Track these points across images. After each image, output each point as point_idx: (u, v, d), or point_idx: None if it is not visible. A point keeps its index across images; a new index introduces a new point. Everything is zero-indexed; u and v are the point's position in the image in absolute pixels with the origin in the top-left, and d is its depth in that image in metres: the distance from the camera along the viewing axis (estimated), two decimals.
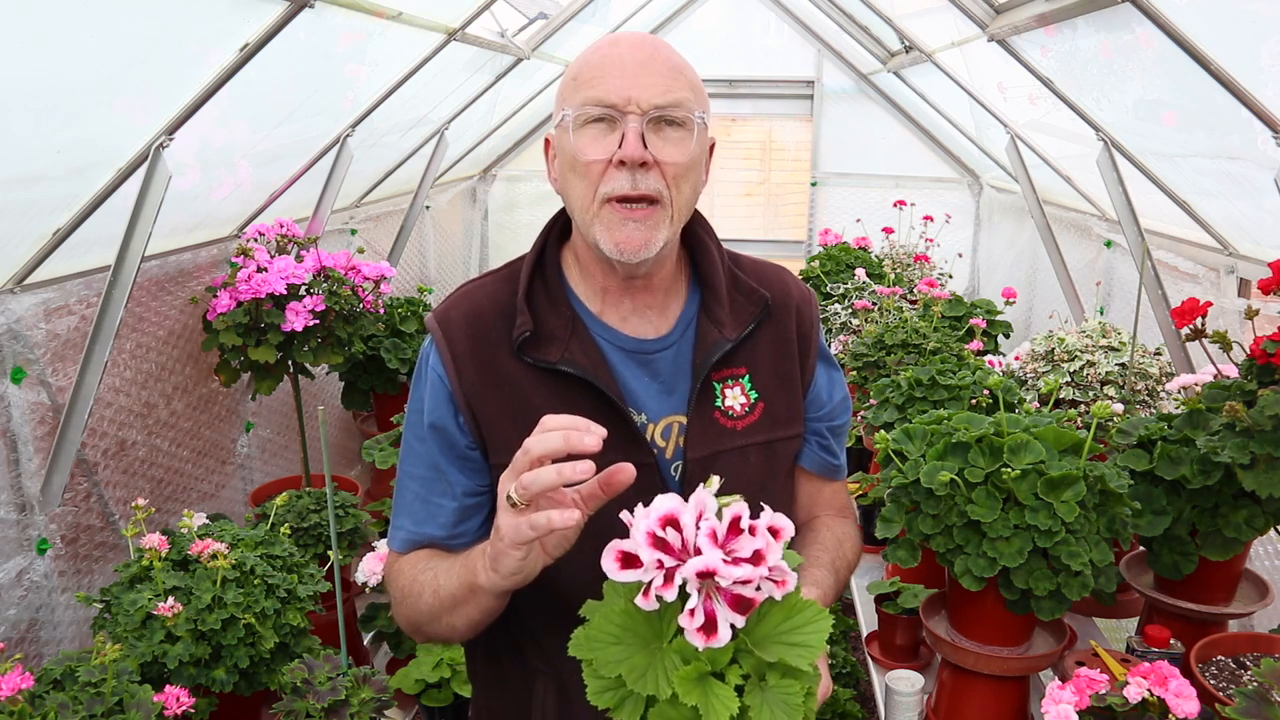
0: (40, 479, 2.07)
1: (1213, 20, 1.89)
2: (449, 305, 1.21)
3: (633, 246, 1.10)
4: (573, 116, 1.10)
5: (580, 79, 1.11)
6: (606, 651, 0.85)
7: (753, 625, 0.87)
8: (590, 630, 0.86)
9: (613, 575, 0.83)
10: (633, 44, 1.11)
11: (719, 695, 0.82)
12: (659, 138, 1.09)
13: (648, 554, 0.82)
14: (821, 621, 0.87)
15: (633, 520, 0.85)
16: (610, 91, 1.08)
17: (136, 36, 1.81)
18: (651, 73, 1.09)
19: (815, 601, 0.88)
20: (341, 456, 3.70)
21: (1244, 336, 1.90)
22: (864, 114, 5.46)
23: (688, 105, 1.10)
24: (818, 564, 1.23)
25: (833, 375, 1.32)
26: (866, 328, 3.01)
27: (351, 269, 2.74)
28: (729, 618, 0.83)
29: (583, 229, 1.14)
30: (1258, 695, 1.32)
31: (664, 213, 1.11)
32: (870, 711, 2.91)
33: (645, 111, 1.08)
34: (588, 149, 1.10)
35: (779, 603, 0.87)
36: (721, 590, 0.83)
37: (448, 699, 2.18)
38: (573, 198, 1.14)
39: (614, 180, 1.09)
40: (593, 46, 1.14)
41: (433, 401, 1.18)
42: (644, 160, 1.08)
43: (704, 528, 0.83)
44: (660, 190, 1.10)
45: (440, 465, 1.18)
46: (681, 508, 0.84)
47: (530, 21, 3.97)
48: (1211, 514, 1.64)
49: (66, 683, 1.50)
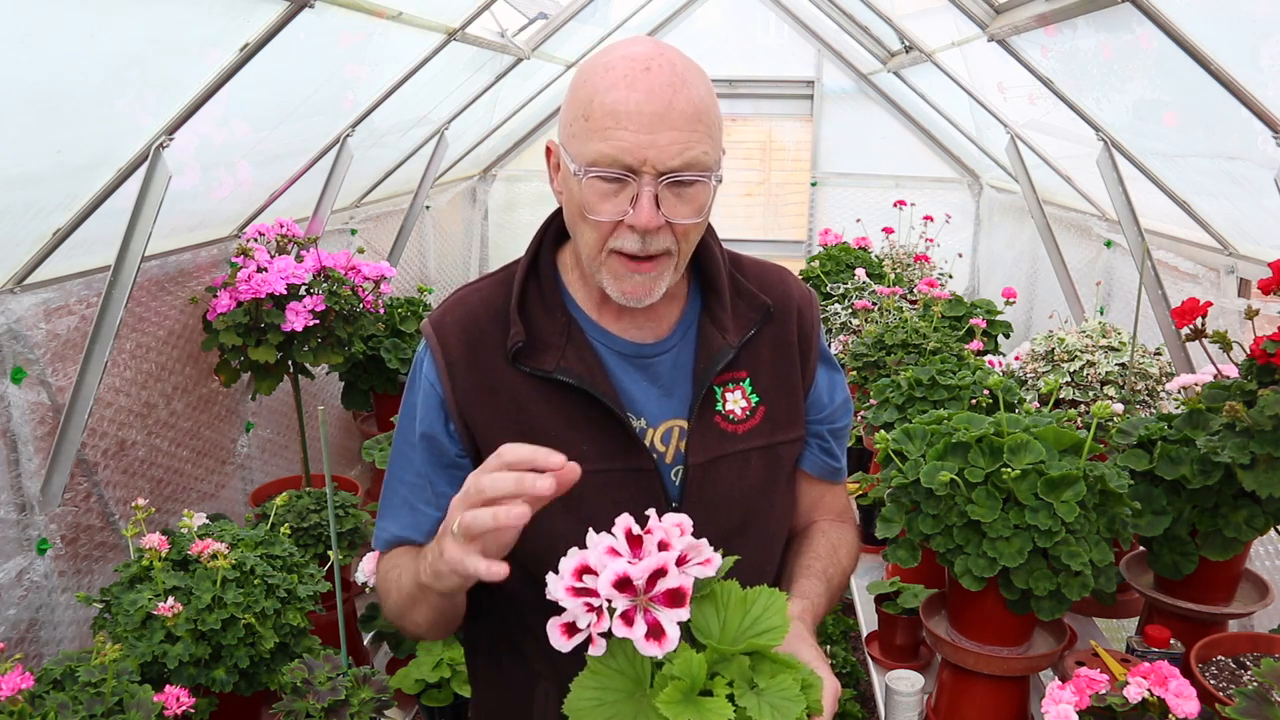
0: (40, 479, 2.07)
1: (1213, 20, 1.89)
2: (444, 310, 1.20)
3: (638, 295, 1.10)
4: (583, 172, 1.05)
5: (592, 122, 1.04)
6: (593, 715, 0.85)
7: (719, 631, 0.88)
8: (572, 704, 0.87)
9: (562, 648, 0.84)
10: (650, 90, 1.02)
11: (711, 708, 0.83)
12: (673, 196, 1.05)
13: (572, 604, 0.83)
14: (777, 601, 0.89)
15: (552, 591, 0.86)
16: (625, 151, 1.02)
17: (136, 36, 1.81)
18: (669, 126, 1.02)
19: (765, 587, 0.90)
20: (341, 456, 3.70)
21: (1244, 336, 1.90)
22: (864, 114, 5.46)
23: (704, 163, 1.05)
24: (808, 573, 1.23)
25: (833, 377, 1.31)
26: (866, 328, 3.01)
27: (351, 269, 2.74)
28: (671, 616, 0.83)
29: (588, 269, 1.13)
30: (1258, 695, 1.32)
31: (670, 262, 1.10)
32: (870, 711, 2.92)
33: (661, 173, 1.03)
34: (598, 207, 1.06)
35: (732, 600, 0.89)
36: (653, 597, 0.84)
37: (448, 699, 2.18)
38: (580, 240, 1.12)
39: (624, 239, 1.07)
40: (608, 79, 1.04)
41: (425, 409, 1.18)
42: (657, 226, 1.05)
43: (602, 549, 0.85)
44: (670, 248, 1.08)
45: (428, 475, 1.18)
46: (587, 553, 0.86)
47: (530, 21, 3.97)
48: (1211, 514, 1.64)
49: (66, 683, 1.49)
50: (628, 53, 1.06)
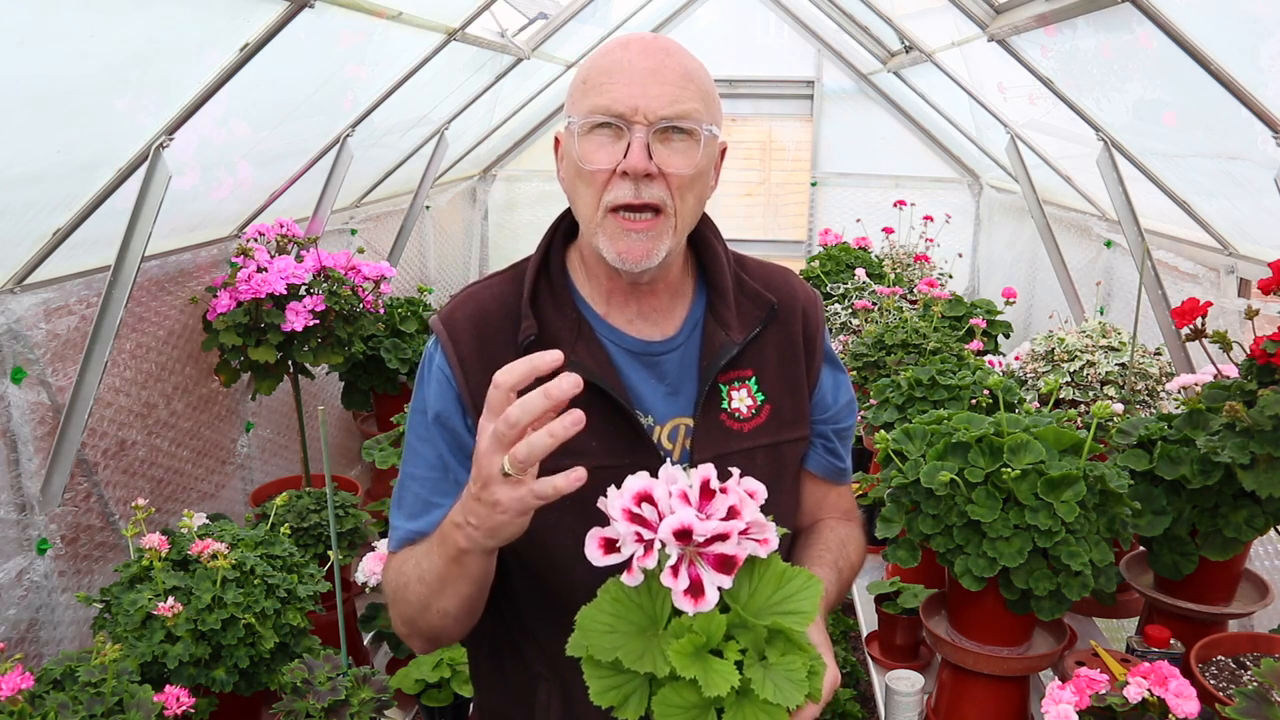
0: (40, 479, 2.07)
1: (1213, 20, 1.89)
2: (454, 306, 1.20)
3: (635, 257, 1.10)
4: (579, 123, 1.10)
5: (589, 83, 1.10)
6: (602, 640, 0.85)
7: (746, 598, 0.87)
8: (583, 621, 0.86)
9: (596, 561, 0.84)
10: (643, 49, 1.10)
11: (718, 669, 0.83)
12: (665, 147, 1.09)
13: (624, 527, 0.83)
14: (813, 587, 0.88)
15: (608, 502, 0.86)
16: (617, 100, 1.07)
17: (136, 36, 1.81)
18: (661, 81, 1.07)
19: (805, 570, 0.89)
20: (341, 456, 3.70)
21: (1244, 336, 1.90)
22: (864, 114, 5.46)
23: (696, 116, 1.09)
24: (820, 563, 1.23)
25: (838, 378, 1.31)
26: (866, 328, 3.01)
27: (351, 269, 2.74)
28: (714, 580, 0.83)
29: (587, 236, 1.14)
30: (1258, 695, 1.32)
31: (667, 223, 1.11)
32: (870, 711, 2.91)
33: (652, 122, 1.07)
34: (592, 157, 1.09)
35: (769, 572, 0.88)
36: (704, 554, 0.83)
37: (448, 699, 2.18)
38: (578, 204, 1.14)
39: (618, 189, 1.09)
40: (604, 49, 1.13)
41: (440, 401, 1.17)
42: (648, 171, 1.07)
43: (675, 491, 0.85)
44: (664, 200, 1.09)
45: (448, 463, 1.17)
46: (653, 483, 0.85)
47: (530, 21, 3.97)
48: (1211, 514, 1.64)
49: (66, 683, 1.50)
50: (628, 36, 1.14)
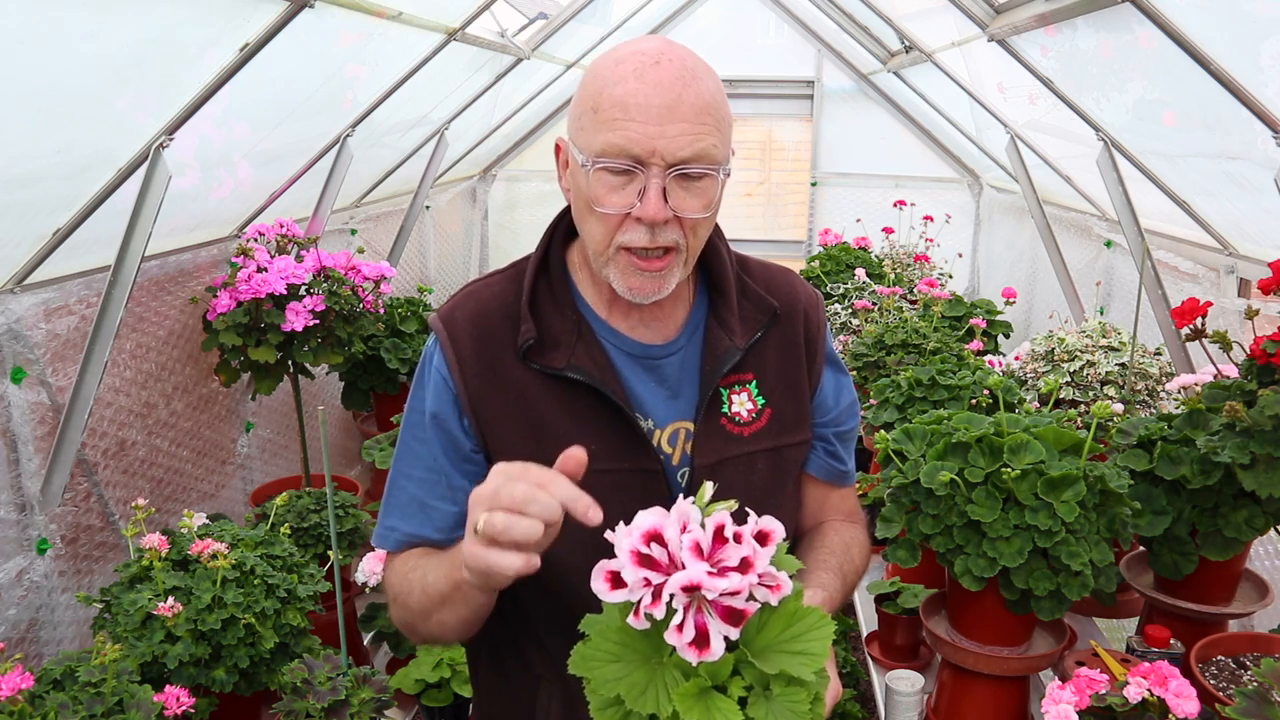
0: (40, 479, 2.07)
1: (1213, 20, 1.89)
2: (454, 305, 1.19)
3: (646, 292, 1.09)
4: (591, 164, 1.04)
5: (601, 115, 1.04)
6: (604, 670, 0.83)
7: (752, 635, 0.84)
8: (587, 648, 0.84)
9: (604, 597, 0.81)
10: (658, 83, 1.02)
11: (721, 709, 0.80)
12: (682, 190, 1.05)
13: (633, 573, 0.80)
14: (824, 628, 0.84)
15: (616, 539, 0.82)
16: (633, 141, 1.02)
17: (136, 36, 1.81)
18: (678, 118, 1.02)
19: (817, 608, 0.86)
20: (341, 456, 3.70)
21: (1244, 336, 1.90)
22: (864, 114, 5.46)
23: (713, 156, 1.04)
24: (823, 568, 1.21)
25: (840, 380, 1.29)
26: (866, 328, 3.01)
27: (351, 269, 2.74)
28: (721, 630, 0.80)
29: (595, 266, 1.12)
30: (1258, 695, 1.32)
31: (679, 258, 1.09)
32: (870, 711, 2.91)
33: (670, 164, 1.02)
34: (606, 200, 1.05)
35: (778, 610, 0.85)
36: (712, 602, 0.80)
37: (448, 699, 2.18)
38: (588, 235, 1.11)
39: (632, 232, 1.06)
40: (615, 70, 1.05)
41: (437, 402, 1.16)
42: (665, 219, 1.05)
43: (687, 540, 0.81)
44: (678, 241, 1.08)
45: (443, 467, 1.16)
46: (664, 521, 0.82)
47: (530, 21, 3.97)
48: (1211, 514, 1.64)
49: (66, 683, 1.50)
50: (638, 48, 1.07)
